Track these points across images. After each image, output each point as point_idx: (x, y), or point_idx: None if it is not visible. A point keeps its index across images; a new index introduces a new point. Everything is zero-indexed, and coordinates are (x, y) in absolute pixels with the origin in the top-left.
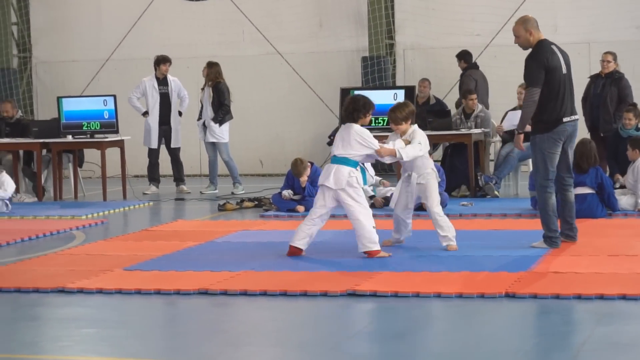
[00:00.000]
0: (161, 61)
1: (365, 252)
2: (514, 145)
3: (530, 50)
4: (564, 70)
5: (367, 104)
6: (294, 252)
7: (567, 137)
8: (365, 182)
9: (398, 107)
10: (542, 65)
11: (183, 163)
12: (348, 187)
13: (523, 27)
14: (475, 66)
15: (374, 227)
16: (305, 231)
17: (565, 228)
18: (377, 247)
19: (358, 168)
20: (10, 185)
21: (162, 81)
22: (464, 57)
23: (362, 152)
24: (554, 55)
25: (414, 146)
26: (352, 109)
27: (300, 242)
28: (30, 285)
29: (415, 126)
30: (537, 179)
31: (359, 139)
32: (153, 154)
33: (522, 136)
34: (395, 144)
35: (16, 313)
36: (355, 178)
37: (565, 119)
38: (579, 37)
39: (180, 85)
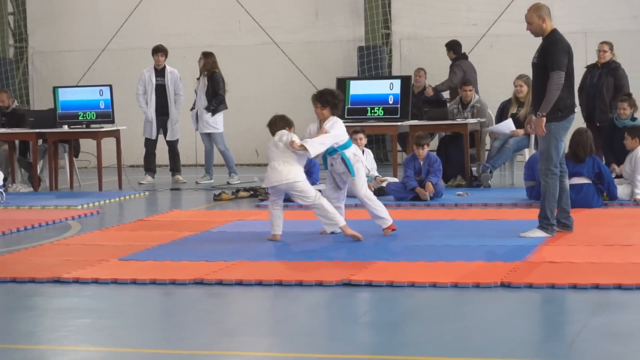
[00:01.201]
0: (154, 52)
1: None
2: (534, 129)
3: (541, 38)
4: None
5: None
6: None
7: None
8: (317, 179)
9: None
10: (566, 51)
11: (179, 153)
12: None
13: (536, 14)
14: (464, 56)
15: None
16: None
17: (562, 216)
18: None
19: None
20: None
21: (160, 72)
22: (453, 47)
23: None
24: (569, 44)
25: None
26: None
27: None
28: (26, 276)
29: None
30: (544, 165)
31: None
32: (150, 144)
33: (544, 119)
34: (306, 137)
35: (12, 303)
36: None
37: (575, 109)
38: (575, 26)
39: (177, 79)
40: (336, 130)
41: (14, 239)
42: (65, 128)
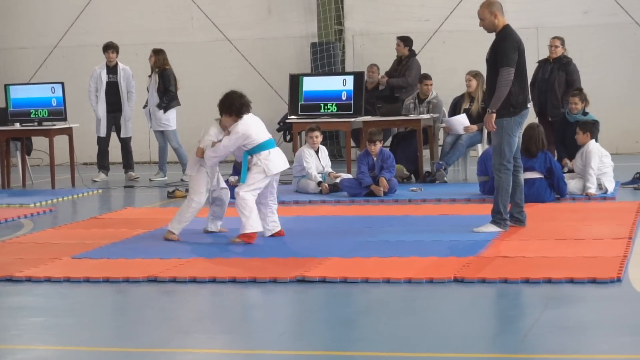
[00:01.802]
0: (105, 49)
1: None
2: (484, 125)
3: (494, 34)
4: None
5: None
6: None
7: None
8: (243, 180)
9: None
10: (516, 47)
11: (132, 150)
12: None
13: (488, 10)
14: (415, 54)
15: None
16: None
17: (515, 211)
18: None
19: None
20: None
21: (112, 69)
22: (409, 43)
23: None
24: (520, 40)
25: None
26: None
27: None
28: None
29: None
30: (497, 161)
31: None
32: (102, 142)
33: (494, 116)
34: (203, 143)
35: None
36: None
37: (528, 105)
38: (527, 22)
39: (130, 76)
40: (231, 137)
41: None
42: (17, 126)
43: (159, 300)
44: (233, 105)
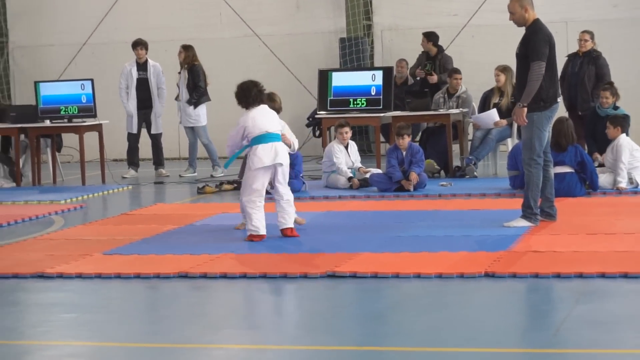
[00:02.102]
0: (134, 45)
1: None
2: (515, 119)
3: (524, 28)
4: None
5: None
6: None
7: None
8: (226, 165)
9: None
10: (547, 41)
11: (162, 147)
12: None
13: (519, 4)
14: (443, 49)
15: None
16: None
17: (545, 205)
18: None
19: None
20: None
21: (142, 66)
22: (435, 39)
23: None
24: (551, 34)
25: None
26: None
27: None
28: (10, 271)
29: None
30: (527, 155)
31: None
32: (132, 138)
33: (525, 110)
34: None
35: None
36: None
37: (558, 99)
38: (556, 15)
39: (160, 73)
40: (236, 127)
41: None
42: (48, 123)
43: (190, 296)
44: (241, 98)
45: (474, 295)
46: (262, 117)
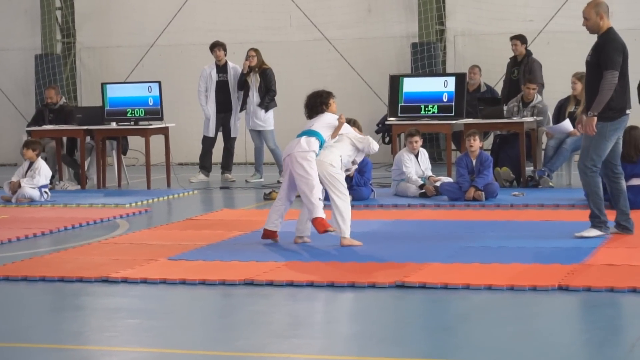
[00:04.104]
0: (212, 47)
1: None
2: (584, 128)
3: (597, 35)
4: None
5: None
6: (269, 235)
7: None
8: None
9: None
10: (621, 51)
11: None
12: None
13: (595, 10)
14: (531, 52)
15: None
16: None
17: (622, 219)
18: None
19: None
20: (44, 172)
21: (222, 68)
22: (526, 41)
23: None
24: (625, 44)
25: None
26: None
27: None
28: (74, 275)
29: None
30: (582, 163)
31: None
32: (208, 142)
33: (595, 119)
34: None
35: (60, 303)
36: (313, 153)
37: (627, 111)
38: (635, 22)
39: (240, 75)
40: None
41: (61, 237)
42: (114, 125)
43: (256, 304)
44: (313, 100)
45: (546, 309)
46: (313, 120)
